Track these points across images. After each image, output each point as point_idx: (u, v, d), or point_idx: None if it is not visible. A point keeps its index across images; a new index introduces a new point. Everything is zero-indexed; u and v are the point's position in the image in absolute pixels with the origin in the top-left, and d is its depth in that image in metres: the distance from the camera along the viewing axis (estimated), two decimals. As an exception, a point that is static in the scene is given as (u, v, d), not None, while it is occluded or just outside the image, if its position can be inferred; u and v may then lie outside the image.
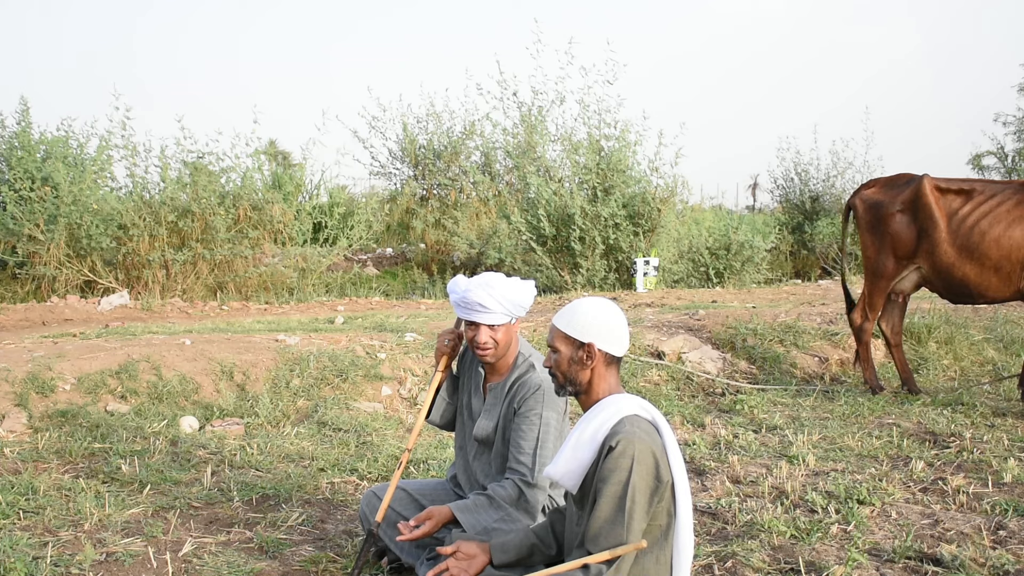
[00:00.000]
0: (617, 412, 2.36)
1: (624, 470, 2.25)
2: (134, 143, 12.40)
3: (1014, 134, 22.03)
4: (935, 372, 6.96)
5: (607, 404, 2.41)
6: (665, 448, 2.36)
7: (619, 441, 2.28)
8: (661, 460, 2.32)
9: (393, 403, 5.90)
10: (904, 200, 6.05)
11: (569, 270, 12.20)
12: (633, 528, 2.26)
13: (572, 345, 2.44)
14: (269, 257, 12.64)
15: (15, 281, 12.03)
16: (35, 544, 3.39)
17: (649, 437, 2.32)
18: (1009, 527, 3.64)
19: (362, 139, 18.69)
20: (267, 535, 3.57)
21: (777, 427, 5.37)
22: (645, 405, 2.42)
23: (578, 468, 2.37)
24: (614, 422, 2.34)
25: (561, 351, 2.46)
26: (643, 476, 2.27)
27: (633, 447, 2.27)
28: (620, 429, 2.31)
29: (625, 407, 2.38)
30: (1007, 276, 5.71)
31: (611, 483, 2.26)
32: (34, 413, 5.07)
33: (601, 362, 2.44)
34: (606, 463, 2.29)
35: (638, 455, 2.26)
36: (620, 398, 2.42)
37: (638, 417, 2.37)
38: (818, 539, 3.49)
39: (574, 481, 2.39)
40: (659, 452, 2.33)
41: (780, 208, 19.34)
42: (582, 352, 2.43)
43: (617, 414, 2.36)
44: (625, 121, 13.21)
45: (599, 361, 2.44)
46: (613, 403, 2.40)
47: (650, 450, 2.29)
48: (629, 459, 2.26)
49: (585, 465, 2.36)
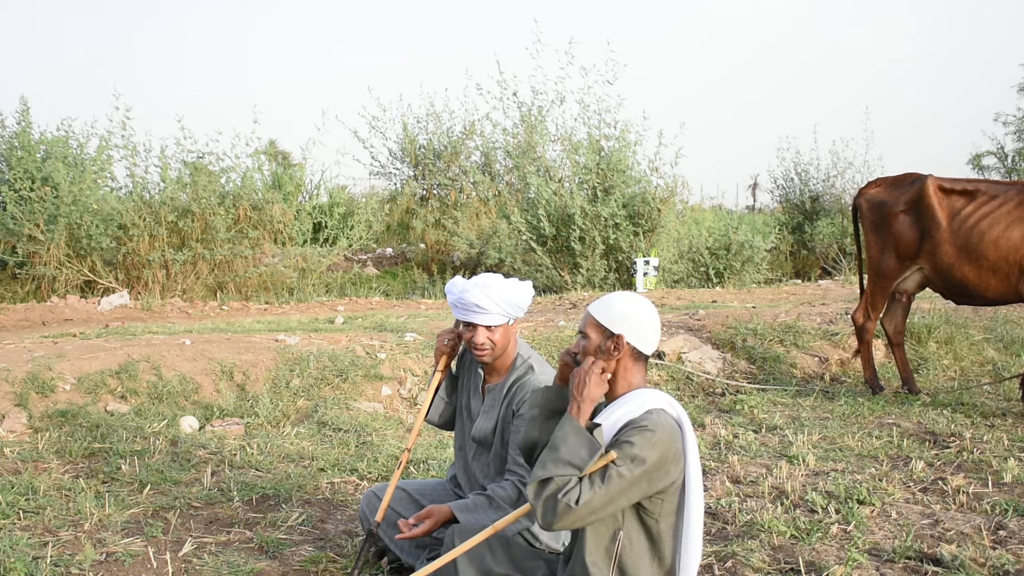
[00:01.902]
0: (644, 404, 2.38)
1: (636, 446, 2.26)
2: (134, 143, 12.41)
3: (1014, 134, 22.01)
4: (935, 372, 6.96)
5: (634, 396, 2.42)
6: (685, 450, 2.37)
7: (645, 424, 2.30)
8: (673, 462, 2.33)
9: (393, 403, 5.90)
10: (907, 200, 6.04)
11: (569, 270, 12.20)
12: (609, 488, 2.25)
13: (602, 334, 2.46)
14: (269, 257, 12.64)
15: (15, 281, 12.03)
16: (35, 544, 3.39)
17: (671, 434, 2.33)
18: (1009, 527, 3.64)
19: (362, 139, 18.69)
20: (267, 535, 3.57)
21: (777, 427, 5.37)
22: (672, 402, 2.43)
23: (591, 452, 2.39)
24: (641, 411, 2.36)
25: (591, 338, 2.48)
26: (659, 451, 2.28)
27: (655, 433, 2.28)
28: (647, 416, 2.33)
29: (652, 400, 2.39)
30: (1005, 277, 5.70)
31: (618, 446, 2.28)
32: (34, 413, 5.07)
33: (628, 356, 2.45)
34: (623, 434, 2.31)
35: (657, 441, 2.28)
36: (648, 391, 2.44)
37: (665, 412, 2.38)
38: (818, 539, 3.49)
39: None
40: (677, 452, 2.34)
41: (780, 208, 19.34)
42: (611, 342, 2.44)
43: (644, 405, 2.37)
44: (625, 121, 13.23)
45: (626, 354, 2.45)
46: (640, 395, 2.41)
47: (669, 445, 2.31)
48: (647, 438, 2.27)
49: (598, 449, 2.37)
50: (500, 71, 17.24)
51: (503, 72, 15.79)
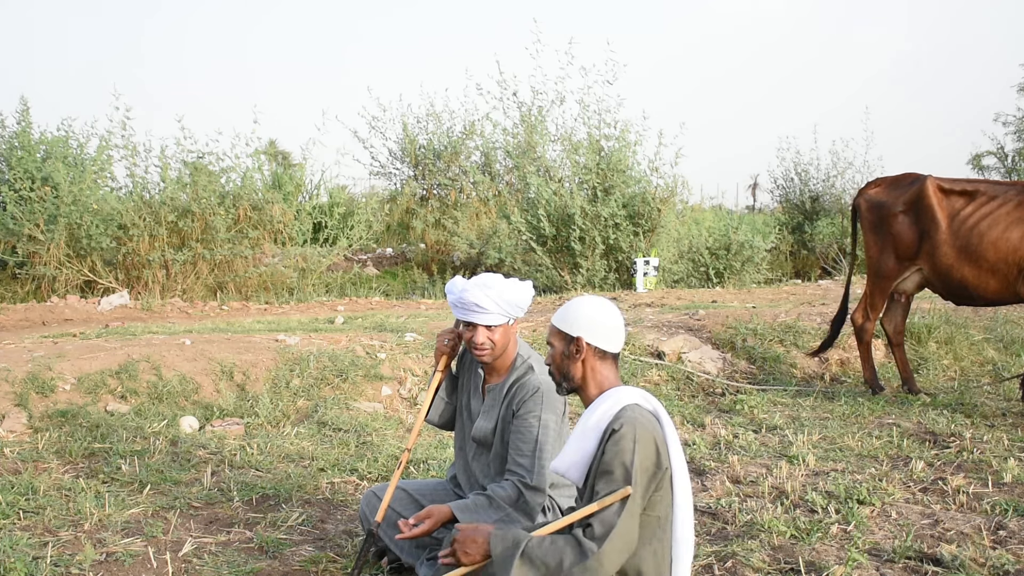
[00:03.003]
0: (618, 402, 2.41)
1: (627, 452, 2.29)
2: (134, 143, 12.41)
3: (1014, 134, 21.99)
4: (935, 372, 6.96)
5: (608, 396, 2.45)
6: (666, 439, 2.40)
7: (622, 424, 2.32)
8: (661, 447, 2.37)
9: (393, 403, 5.90)
10: (907, 201, 6.04)
11: (569, 270, 12.20)
12: (630, 506, 2.27)
13: (563, 339, 2.51)
14: (269, 257, 12.64)
15: (15, 281, 12.03)
16: (35, 544, 3.39)
17: (650, 424, 2.37)
18: (1009, 527, 3.64)
19: (362, 139, 18.70)
20: (267, 535, 3.58)
21: (777, 427, 5.37)
22: (646, 396, 2.46)
23: (582, 459, 2.41)
24: (616, 410, 2.39)
25: (555, 345, 2.54)
26: (644, 458, 2.31)
27: (635, 431, 2.31)
28: (622, 415, 2.36)
29: (625, 397, 2.43)
30: (1004, 278, 5.70)
31: (613, 464, 2.30)
32: (34, 413, 5.07)
33: (592, 356, 2.49)
34: (608, 446, 2.33)
35: (639, 437, 2.31)
36: (620, 390, 2.46)
37: (639, 406, 2.41)
38: (818, 539, 3.49)
39: (579, 472, 2.42)
40: (660, 440, 2.37)
41: (780, 208, 19.33)
42: (572, 346, 2.49)
43: (618, 403, 2.40)
44: (625, 121, 13.21)
45: (589, 355, 2.48)
46: (614, 394, 2.44)
47: (651, 436, 2.34)
48: (631, 441, 2.30)
49: (589, 455, 2.40)
50: (500, 71, 17.25)
51: (503, 72, 15.80)
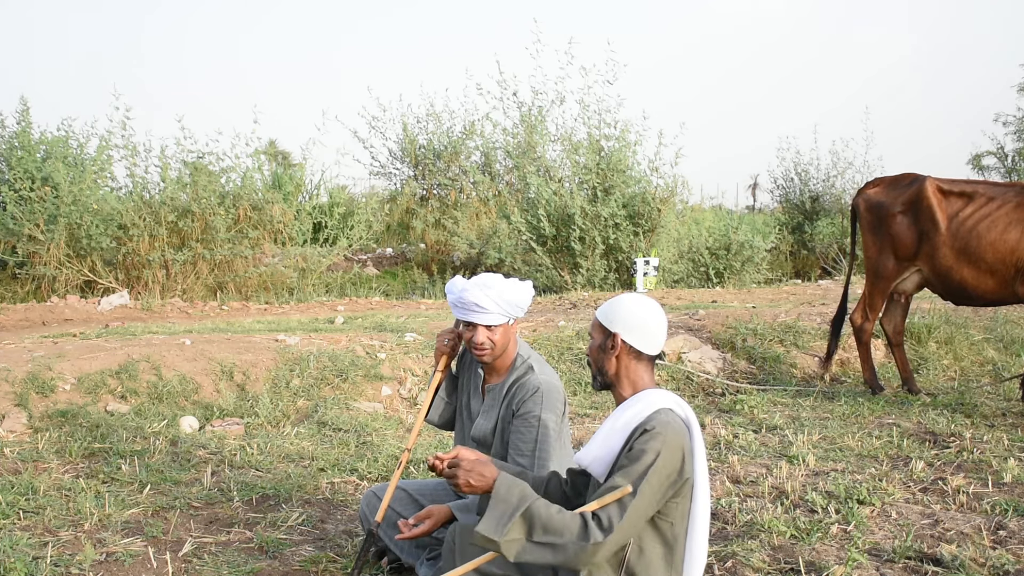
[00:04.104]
0: (651, 404, 2.40)
1: (652, 452, 2.28)
2: (134, 143, 12.40)
3: (1014, 134, 22.02)
4: (935, 372, 6.96)
5: (642, 396, 2.44)
6: (693, 449, 2.39)
7: (654, 426, 2.32)
8: (687, 457, 2.35)
9: (393, 403, 5.90)
10: (905, 201, 6.03)
11: (569, 270, 12.20)
12: (638, 505, 2.26)
13: (602, 333, 2.52)
14: (269, 257, 12.64)
15: (15, 281, 12.03)
16: (35, 544, 3.39)
17: (681, 431, 2.36)
18: (1009, 527, 3.64)
19: (362, 139, 18.71)
20: (267, 535, 3.57)
21: (777, 427, 5.37)
22: (680, 402, 2.46)
23: (607, 455, 2.40)
24: (649, 412, 2.38)
25: (595, 338, 2.55)
26: (667, 463, 2.29)
27: (665, 435, 2.30)
28: (655, 417, 2.35)
29: (659, 400, 2.42)
30: (1003, 279, 5.69)
31: (635, 461, 2.29)
32: (34, 413, 5.07)
33: (626, 354, 2.48)
34: (636, 443, 2.32)
35: (667, 442, 2.30)
36: (655, 392, 2.46)
37: (672, 411, 2.40)
38: (818, 539, 3.49)
39: (603, 468, 2.42)
40: (687, 450, 2.36)
41: (780, 208, 19.33)
42: (609, 341, 2.49)
43: (652, 406, 2.39)
44: (625, 121, 13.21)
45: (624, 353, 2.48)
46: (647, 396, 2.44)
47: (679, 443, 2.33)
48: (659, 443, 2.29)
49: (615, 452, 2.39)
50: (500, 71, 17.25)
51: (503, 72, 15.80)
